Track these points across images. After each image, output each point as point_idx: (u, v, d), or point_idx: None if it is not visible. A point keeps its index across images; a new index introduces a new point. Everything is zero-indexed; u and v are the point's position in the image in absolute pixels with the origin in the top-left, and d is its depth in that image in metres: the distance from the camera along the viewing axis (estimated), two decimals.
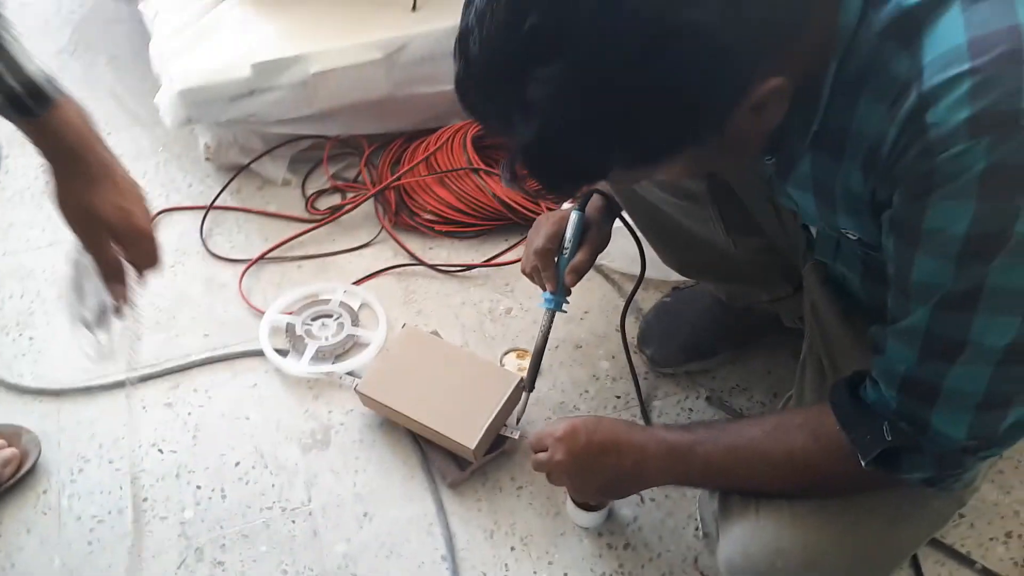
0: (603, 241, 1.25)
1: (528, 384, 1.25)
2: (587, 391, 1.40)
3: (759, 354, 1.45)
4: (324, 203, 1.74)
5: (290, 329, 1.45)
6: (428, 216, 1.64)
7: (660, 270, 1.49)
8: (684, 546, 1.20)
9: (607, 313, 1.52)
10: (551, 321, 1.24)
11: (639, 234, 1.30)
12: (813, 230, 1.01)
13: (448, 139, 1.69)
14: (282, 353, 1.43)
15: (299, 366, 1.40)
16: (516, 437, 1.27)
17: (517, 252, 1.60)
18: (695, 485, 1.10)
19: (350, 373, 1.40)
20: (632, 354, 1.42)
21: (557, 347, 1.46)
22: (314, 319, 1.48)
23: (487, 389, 1.27)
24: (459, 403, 1.26)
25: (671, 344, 1.41)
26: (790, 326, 1.38)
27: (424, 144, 1.72)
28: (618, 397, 1.39)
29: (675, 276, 1.52)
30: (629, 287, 1.55)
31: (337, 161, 1.80)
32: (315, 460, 1.29)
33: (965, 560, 1.19)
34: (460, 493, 1.25)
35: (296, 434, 1.33)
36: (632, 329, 1.46)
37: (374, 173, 1.74)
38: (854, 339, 1.03)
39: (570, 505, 1.21)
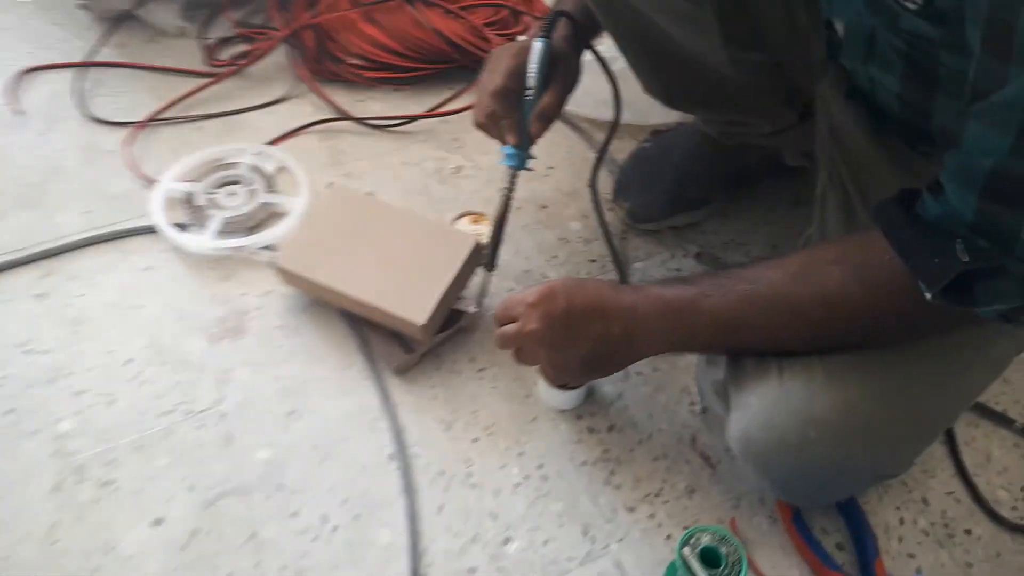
0: (572, 78, 1.00)
1: (489, 260, 1.01)
2: (555, 256, 1.17)
3: (754, 202, 1.23)
4: (228, 54, 1.44)
5: (190, 199, 1.19)
6: (355, 61, 1.36)
7: (637, 113, 1.25)
8: (679, 424, 1.00)
9: (575, 167, 1.28)
10: (514, 181, 1.00)
11: (613, 67, 1.05)
12: (839, 27, 0.77)
13: None
14: (181, 228, 1.16)
15: (202, 241, 1.14)
16: (473, 311, 1.04)
17: (467, 99, 1.34)
18: (699, 349, 0.90)
19: (266, 247, 1.15)
20: (607, 211, 1.20)
21: (519, 208, 1.22)
22: (219, 186, 1.22)
23: (437, 255, 1.03)
24: (403, 274, 1.02)
25: (653, 195, 1.17)
26: (793, 164, 1.16)
27: None
28: (592, 261, 1.16)
29: (653, 119, 1.29)
30: (600, 137, 1.31)
31: (241, 4, 1.49)
32: (227, 352, 1.05)
33: (1002, 419, 1.01)
34: (409, 380, 1.03)
35: (202, 323, 1.08)
36: (606, 184, 1.23)
37: (286, 16, 1.44)
38: (887, 159, 0.83)
39: (542, 385, 0.99)
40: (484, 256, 1.01)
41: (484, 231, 1.17)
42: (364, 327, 1.06)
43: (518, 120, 0.96)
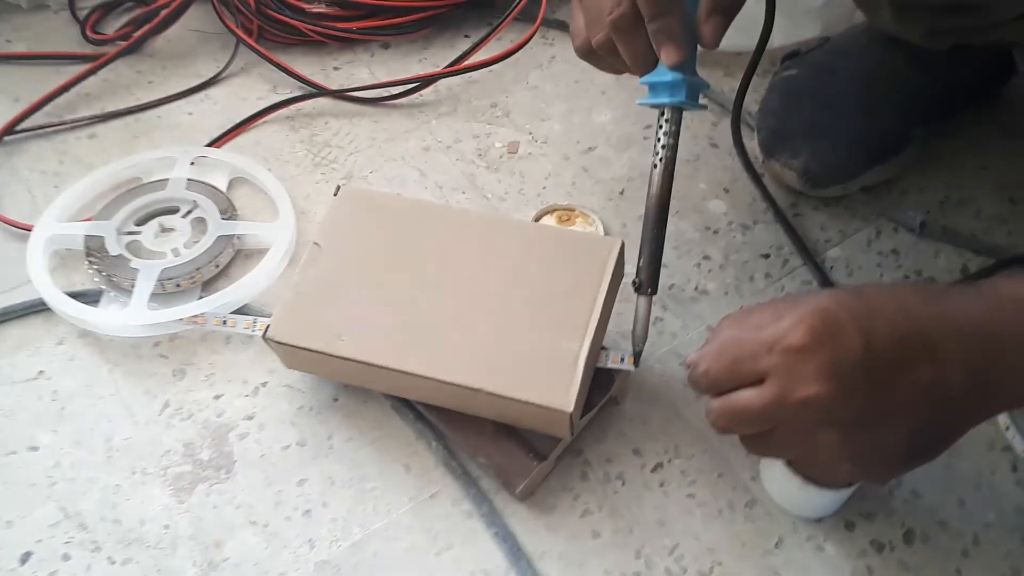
0: None
1: (648, 276, 0.57)
2: (708, 256, 0.74)
3: (955, 138, 0.83)
4: (117, 23, 0.95)
5: (97, 249, 0.71)
6: (319, 8, 0.90)
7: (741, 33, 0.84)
8: (1013, 508, 0.59)
9: (690, 122, 0.85)
10: (677, 133, 0.56)
11: None
12: None
13: None
14: (89, 299, 0.69)
15: (129, 316, 0.66)
16: (627, 368, 0.60)
17: (498, 44, 0.89)
18: None
19: (241, 311, 0.68)
20: (760, 177, 0.78)
21: (622, 192, 0.79)
22: (142, 221, 0.74)
23: (556, 280, 0.59)
24: (507, 322, 0.58)
25: (830, 144, 0.76)
26: None
27: None
28: (765, 256, 0.74)
29: (785, 40, 0.87)
30: (713, 75, 0.89)
31: None
32: (210, 507, 0.59)
33: None
34: (541, 505, 0.59)
35: (154, 461, 0.61)
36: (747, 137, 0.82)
37: None
38: None
39: (783, 480, 0.56)
40: (636, 273, 0.58)
41: (589, 231, 0.74)
42: (443, 424, 0.60)
43: (680, 17, 0.53)
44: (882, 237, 0.75)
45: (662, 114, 0.56)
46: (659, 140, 0.56)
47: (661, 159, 0.56)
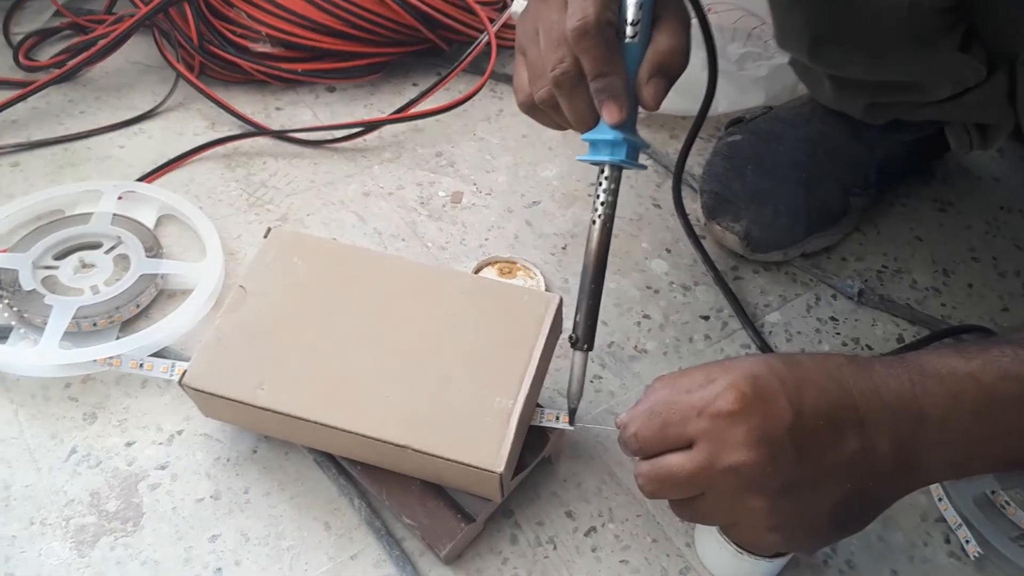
0: (684, 12, 0.58)
1: (584, 332, 0.56)
2: (647, 316, 0.73)
3: (891, 208, 0.85)
4: (53, 50, 0.92)
5: (8, 284, 0.67)
6: (263, 48, 0.88)
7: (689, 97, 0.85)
8: None
9: (634, 181, 0.85)
10: (616, 191, 0.56)
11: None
12: None
13: None
14: None
15: (39, 354, 0.62)
16: (563, 427, 0.58)
17: (446, 94, 0.88)
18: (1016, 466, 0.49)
19: (159, 354, 0.65)
20: (701, 239, 0.78)
21: (565, 248, 0.78)
22: (61, 255, 0.70)
23: (491, 334, 0.58)
24: (438, 376, 0.55)
25: (771, 209, 0.76)
26: (959, 148, 0.79)
27: None
28: (705, 318, 0.73)
29: (730, 107, 0.89)
30: (658, 137, 0.90)
31: None
32: (114, 562, 0.54)
33: None
34: (468, 568, 0.56)
35: (57, 511, 0.57)
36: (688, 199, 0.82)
37: None
38: None
39: (720, 549, 0.54)
40: (573, 328, 0.56)
41: (529, 285, 0.72)
42: (368, 481, 0.57)
43: (622, 77, 0.53)
44: (821, 303, 0.76)
45: (602, 171, 0.56)
46: (598, 197, 0.56)
47: (600, 215, 0.56)
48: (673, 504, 0.49)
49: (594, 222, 0.56)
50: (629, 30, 0.53)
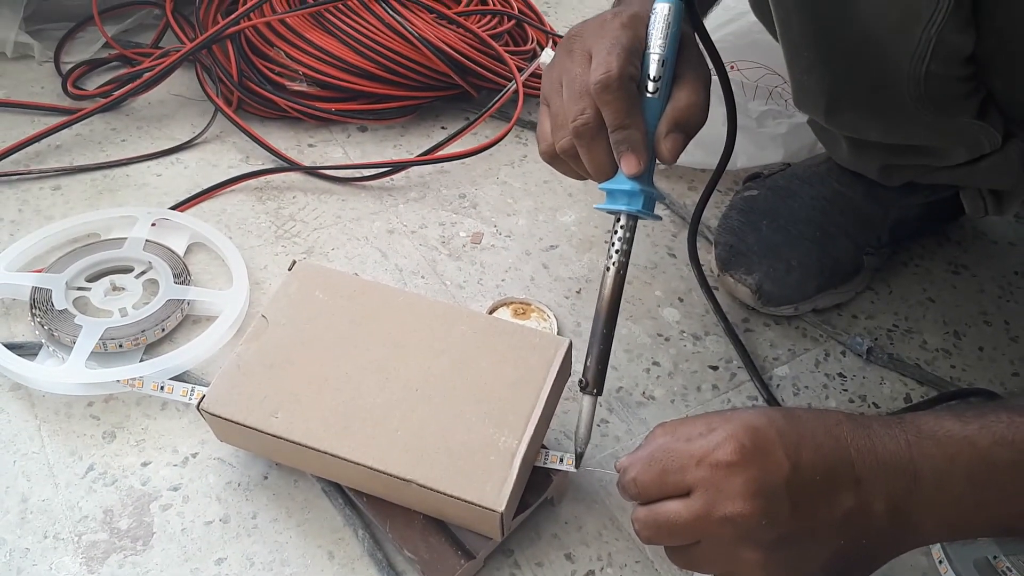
0: (704, 68, 0.60)
1: (594, 377, 0.57)
2: (657, 363, 0.74)
3: (904, 268, 0.86)
4: (100, 80, 0.97)
5: (43, 302, 0.70)
6: (300, 87, 0.92)
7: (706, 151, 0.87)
8: None
9: (650, 231, 0.87)
10: (631, 240, 0.58)
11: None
12: None
13: None
14: (26, 351, 0.67)
15: (66, 372, 0.65)
16: (567, 469, 0.60)
17: (473, 138, 0.91)
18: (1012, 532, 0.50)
19: (180, 377, 0.67)
20: (714, 290, 0.80)
21: (579, 292, 0.80)
22: (93, 278, 0.73)
23: (500, 374, 0.59)
24: (447, 415, 0.57)
25: (784, 264, 0.78)
26: (974, 214, 0.80)
27: None
28: (713, 368, 0.74)
29: (749, 162, 0.90)
30: (676, 188, 0.92)
31: (117, 18, 1.02)
32: None
33: None
34: None
35: (70, 526, 0.59)
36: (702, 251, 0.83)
37: (189, 29, 0.99)
38: None
39: None
40: (583, 372, 0.58)
41: (542, 327, 0.74)
42: (373, 512, 0.59)
43: (642, 130, 0.55)
44: (830, 359, 0.76)
45: (617, 220, 0.57)
46: (613, 245, 0.57)
47: (614, 263, 0.57)
48: (669, 551, 0.50)
49: (608, 269, 0.57)
50: (651, 86, 0.56)
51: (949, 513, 0.46)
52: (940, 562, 0.62)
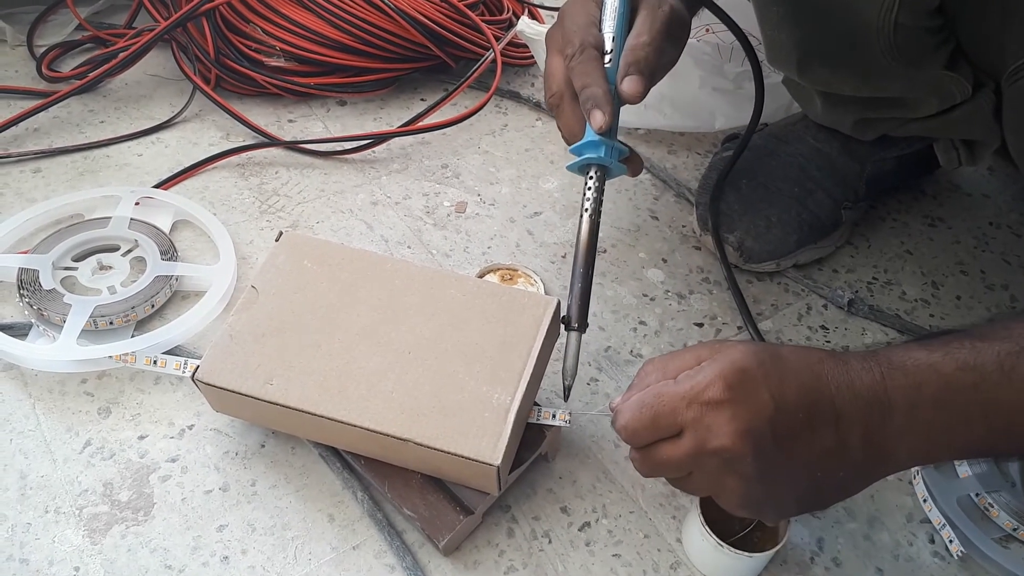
0: (676, 22, 0.62)
1: (578, 317, 0.59)
2: (643, 322, 0.75)
3: (881, 222, 0.88)
4: (74, 62, 0.96)
5: (31, 282, 0.70)
6: (277, 63, 0.92)
7: (682, 114, 0.89)
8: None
9: (628, 190, 0.88)
10: (601, 190, 0.60)
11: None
12: None
13: None
14: (17, 332, 0.67)
15: (57, 350, 0.65)
16: (560, 423, 0.61)
17: (453, 108, 0.92)
18: (987, 453, 0.53)
19: (173, 351, 0.67)
20: (693, 248, 0.81)
21: (564, 256, 0.81)
22: (80, 257, 0.73)
23: (492, 334, 0.60)
24: (440, 375, 0.58)
25: (765, 221, 0.79)
26: (948, 165, 0.82)
27: None
28: (699, 325, 0.76)
29: (727, 123, 0.92)
30: (656, 152, 0.93)
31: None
32: (124, 550, 0.57)
33: None
34: (465, 560, 0.58)
35: (70, 499, 0.59)
36: (673, 210, 0.85)
37: (163, 8, 0.98)
38: None
39: (702, 542, 0.57)
40: (566, 310, 0.59)
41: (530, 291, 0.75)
42: (371, 474, 0.60)
43: (604, 88, 0.57)
44: (812, 312, 0.78)
45: (588, 175, 0.59)
46: (585, 195, 0.60)
47: (586, 210, 0.60)
48: (677, 481, 0.52)
49: (582, 216, 0.59)
50: (607, 57, 0.60)
51: (919, 440, 0.47)
52: (924, 501, 0.64)
